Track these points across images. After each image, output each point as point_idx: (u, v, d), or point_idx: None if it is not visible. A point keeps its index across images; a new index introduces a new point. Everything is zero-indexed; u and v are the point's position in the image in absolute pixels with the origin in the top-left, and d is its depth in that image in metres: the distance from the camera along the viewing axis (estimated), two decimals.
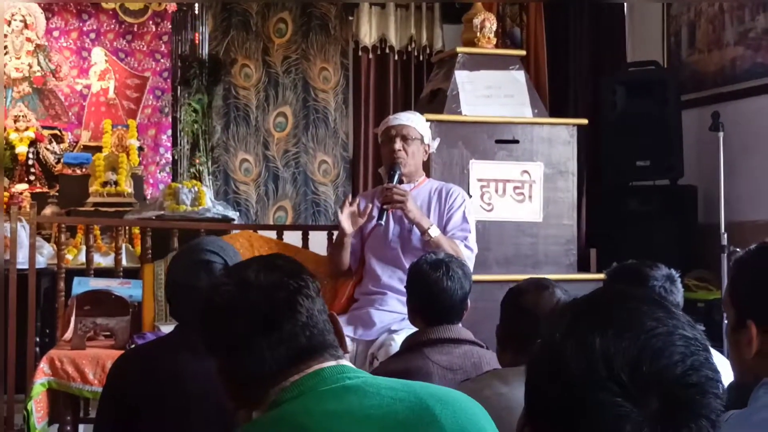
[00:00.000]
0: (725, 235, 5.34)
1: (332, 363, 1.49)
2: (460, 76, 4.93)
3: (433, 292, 2.86)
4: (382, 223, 4.05)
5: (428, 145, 4.31)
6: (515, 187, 4.82)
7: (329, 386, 1.44)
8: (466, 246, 4.08)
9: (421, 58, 8.21)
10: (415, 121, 4.25)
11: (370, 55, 8.22)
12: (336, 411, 1.39)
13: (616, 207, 6.05)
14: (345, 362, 1.52)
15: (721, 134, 5.47)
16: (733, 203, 5.58)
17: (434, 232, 3.99)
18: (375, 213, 4.10)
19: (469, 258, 4.02)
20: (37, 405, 4.06)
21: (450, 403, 1.44)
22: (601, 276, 4.94)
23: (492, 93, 4.95)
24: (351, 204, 4.15)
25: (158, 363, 2.45)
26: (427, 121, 4.45)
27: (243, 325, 1.48)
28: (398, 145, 4.15)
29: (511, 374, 2.30)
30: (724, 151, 5.47)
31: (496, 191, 4.79)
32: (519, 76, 5.05)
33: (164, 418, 2.37)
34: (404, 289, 3.15)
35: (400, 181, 4.14)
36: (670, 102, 5.90)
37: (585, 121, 5.19)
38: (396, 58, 8.26)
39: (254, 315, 1.48)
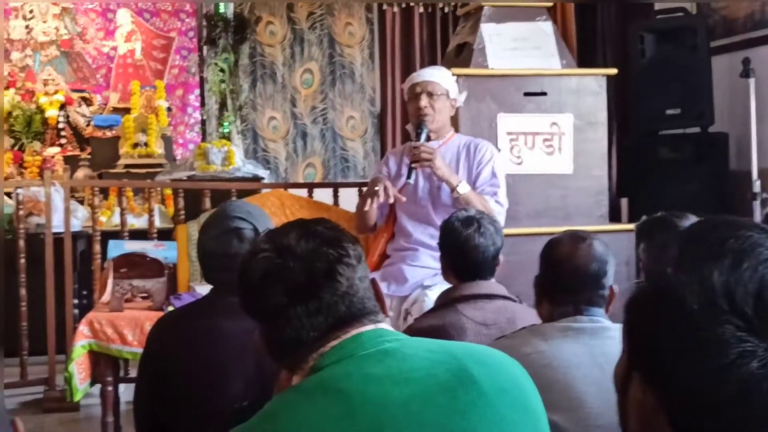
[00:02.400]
0: (758, 182, 5.31)
1: (371, 327, 1.50)
2: (487, 29, 4.90)
3: (466, 248, 2.87)
4: (411, 181, 4.05)
5: (455, 100, 4.27)
6: (545, 140, 4.81)
7: (368, 350, 1.45)
8: (496, 201, 4.07)
9: (446, 10, 8.16)
10: (439, 77, 4.21)
11: (395, 9, 8.18)
12: (376, 375, 1.40)
13: (646, 156, 6.02)
14: (384, 325, 1.53)
15: (752, 80, 5.42)
16: (765, 150, 5.54)
17: (463, 188, 3.98)
18: (404, 171, 4.11)
19: (500, 213, 4.02)
20: (79, 367, 4.14)
21: (488, 364, 1.46)
22: (633, 226, 4.95)
23: (519, 45, 4.92)
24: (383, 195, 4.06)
25: (195, 326, 2.49)
26: (455, 75, 4.43)
27: (281, 294, 1.48)
28: (424, 101, 4.12)
29: (550, 330, 2.28)
30: (756, 98, 5.42)
31: (526, 144, 4.78)
32: (546, 27, 5.01)
33: (202, 379, 2.41)
34: (435, 245, 3.16)
35: (428, 139, 4.12)
36: (700, 49, 5.84)
37: (614, 71, 5.15)
38: (421, 11, 8.21)
39: (292, 284, 1.48)
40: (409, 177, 4.03)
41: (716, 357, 0.87)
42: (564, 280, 2.35)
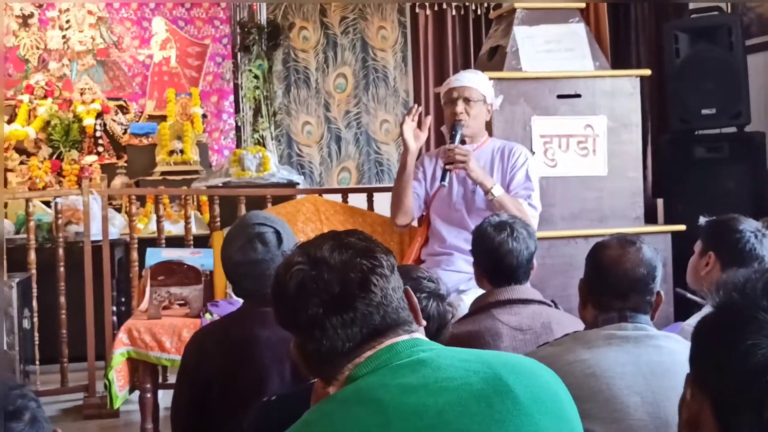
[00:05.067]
0: None
1: (405, 337, 1.51)
2: (520, 31, 4.89)
3: (499, 254, 2.86)
4: (446, 184, 4.06)
5: (491, 105, 4.28)
6: (579, 142, 4.79)
7: (403, 360, 1.46)
8: (529, 204, 4.07)
9: (479, 12, 8.15)
10: (477, 82, 4.22)
11: (428, 12, 8.18)
12: (411, 384, 1.41)
13: (682, 156, 5.96)
14: (418, 335, 1.53)
15: None
16: None
17: (497, 191, 3.99)
18: (438, 175, 4.12)
19: (533, 216, 4.02)
20: (118, 374, 4.19)
21: (523, 373, 1.46)
22: (669, 228, 4.92)
23: (552, 47, 4.90)
24: (412, 116, 4.16)
25: (232, 337, 2.51)
26: (489, 79, 4.42)
27: (316, 305, 1.49)
28: (460, 107, 4.14)
29: (594, 338, 2.25)
30: None
31: (560, 147, 4.76)
32: (579, 29, 5.00)
33: (242, 389, 2.43)
34: (470, 250, 3.16)
35: (462, 142, 4.14)
36: (735, 47, 5.78)
37: (648, 72, 5.12)
38: (453, 13, 8.21)
39: (327, 296, 1.49)
40: (443, 179, 4.04)
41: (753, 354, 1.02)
42: (611, 285, 2.31)
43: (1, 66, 4.39)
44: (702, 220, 3.11)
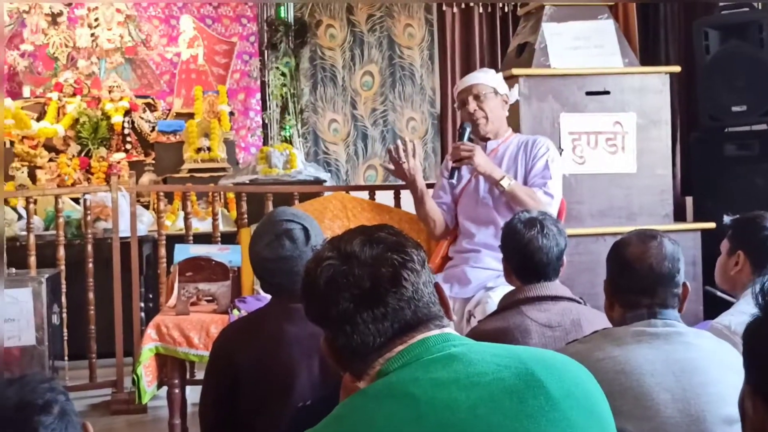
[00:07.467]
0: None
1: (436, 332, 1.50)
2: (548, 28, 4.88)
3: (529, 250, 2.83)
4: (454, 182, 4.08)
5: (506, 95, 4.21)
6: (607, 139, 4.77)
7: (435, 355, 1.45)
8: (545, 192, 4.00)
9: (506, 10, 8.12)
10: (482, 77, 4.19)
11: (455, 9, 8.16)
12: (443, 379, 1.40)
13: (712, 153, 5.91)
14: (449, 330, 1.53)
15: None
16: None
17: (506, 182, 3.95)
18: (463, 173, 4.11)
19: (548, 204, 3.91)
20: (146, 370, 4.19)
21: (555, 368, 1.45)
22: (698, 225, 4.89)
23: (581, 44, 4.88)
24: (391, 161, 4.13)
25: (261, 333, 2.52)
26: (514, 76, 4.41)
27: (347, 300, 1.48)
28: (472, 106, 4.12)
29: (624, 335, 2.23)
30: None
31: (588, 144, 4.74)
32: (608, 25, 4.97)
33: (271, 385, 2.44)
34: (498, 246, 3.14)
35: (470, 139, 4.12)
36: (766, 44, 5.73)
37: (677, 69, 5.08)
38: (480, 11, 8.18)
39: (358, 291, 1.48)
40: (451, 177, 4.04)
41: None
42: (638, 282, 2.29)
43: (0, 62, 4.43)
44: (726, 218, 3.08)
